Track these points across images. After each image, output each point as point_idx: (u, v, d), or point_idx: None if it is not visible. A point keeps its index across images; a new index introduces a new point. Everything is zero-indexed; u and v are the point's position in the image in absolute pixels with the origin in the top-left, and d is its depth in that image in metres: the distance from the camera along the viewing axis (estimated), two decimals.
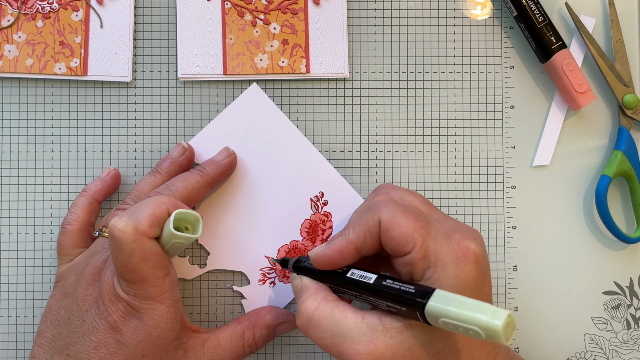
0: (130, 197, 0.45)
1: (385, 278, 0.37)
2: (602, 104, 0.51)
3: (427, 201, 0.41)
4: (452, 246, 0.37)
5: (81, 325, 0.40)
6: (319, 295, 0.39)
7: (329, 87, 0.49)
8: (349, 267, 0.39)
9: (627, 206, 0.51)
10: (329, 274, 0.40)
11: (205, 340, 0.43)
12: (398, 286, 0.36)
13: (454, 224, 0.39)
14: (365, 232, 0.38)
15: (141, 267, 0.38)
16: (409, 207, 0.38)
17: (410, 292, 0.35)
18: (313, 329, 0.38)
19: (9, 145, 0.48)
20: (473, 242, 0.37)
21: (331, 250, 0.39)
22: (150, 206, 0.39)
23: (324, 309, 0.38)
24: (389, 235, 0.37)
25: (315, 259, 0.40)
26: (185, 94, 0.49)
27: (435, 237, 0.37)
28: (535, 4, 0.48)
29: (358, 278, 0.38)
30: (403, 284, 0.36)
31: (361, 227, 0.39)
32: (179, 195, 0.43)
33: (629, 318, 0.50)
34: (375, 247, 0.39)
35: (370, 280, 0.37)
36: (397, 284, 0.36)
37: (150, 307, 0.39)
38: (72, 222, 0.45)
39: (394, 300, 0.36)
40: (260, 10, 0.49)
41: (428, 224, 0.37)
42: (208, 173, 0.45)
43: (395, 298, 0.36)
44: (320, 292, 0.39)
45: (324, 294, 0.39)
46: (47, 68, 0.47)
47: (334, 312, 0.37)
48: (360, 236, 0.39)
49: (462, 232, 0.38)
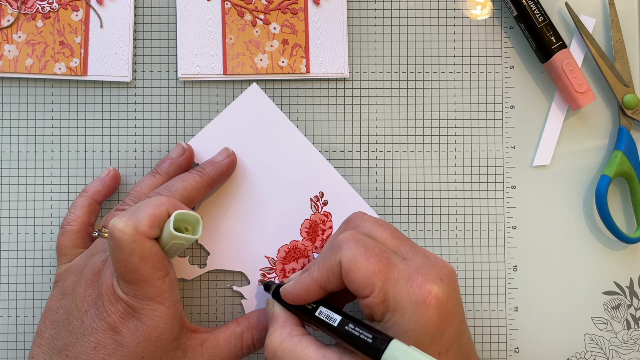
0: (129, 197, 0.45)
1: (350, 321, 0.38)
2: (602, 104, 0.51)
3: (398, 234, 0.40)
4: (412, 290, 0.36)
5: (80, 325, 0.40)
6: (285, 329, 0.39)
7: (329, 87, 0.49)
8: (318, 303, 0.40)
9: (627, 206, 0.51)
10: (299, 308, 0.41)
11: (204, 340, 0.43)
12: (358, 333, 0.37)
13: (421, 262, 0.38)
14: (328, 272, 0.38)
15: (141, 267, 0.38)
16: (371, 248, 0.38)
17: (367, 343, 0.36)
18: None
19: (9, 145, 0.48)
20: (437, 283, 0.37)
21: (298, 288, 0.40)
22: (150, 207, 0.39)
23: (288, 345, 0.38)
24: (349, 278, 0.37)
25: (285, 295, 0.41)
26: (185, 94, 0.49)
27: (395, 280, 0.37)
28: (535, 4, 0.48)
29: (324, 318, 0.39)
30: (363, 331, 0.37)
31: (324, 266, 0.39)
32: (179, 195, 0.43)
33: (629, 318, 0.50)
34: (339, 286, 0.39)
35: (334, 322, 0.38)
36: (358, 331, 0.37)
37: (150, 307, 0.39)
38: (72, 223, 0.45)
39: (353, 346, 0.37)
40: (260, 10, 0.49)
41: (389, 267, 0.37)
42: (208, 173, 0.45)
43: (354, 345, 0.37)
44: (287, 325, 0.40)
45: (290, 328, 0.40)
46: (47, 68, 0.47)
47: (296, 348, 0.38)
48: (324, 276, 0.39)
49: (427, 272, 0.37)
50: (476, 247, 0.49)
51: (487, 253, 0.49)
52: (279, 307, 0.42)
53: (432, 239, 0.49)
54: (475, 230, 0.50)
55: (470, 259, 0.49)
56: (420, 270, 0.37)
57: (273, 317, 0.41)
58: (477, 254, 0.49)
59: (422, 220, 0.49)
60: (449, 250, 0.49)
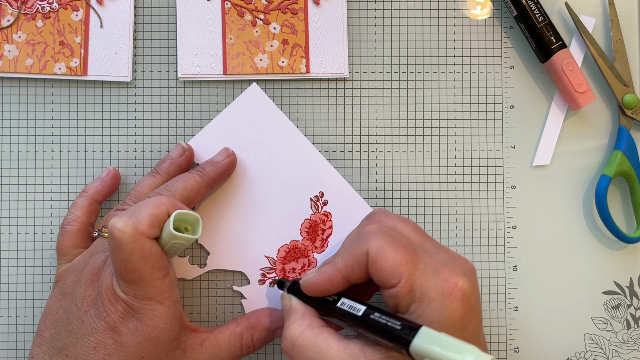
0: (129, 197, 0.45)
1: (374, 311, 0.37)
2: (602, 104, 0.51)
3: (420, 230, 0.40)
4: (439, 282, 0.36)
5: (80, 325, 0.40)
6: (305, 320, 0.39)
7: (329, 87, 0.49)
8: (339, 295, 0.40)
9: (627, 206, 0.51)
10: (319, 300, 0.40)
11: (204, 340, 0.43)
12: (385, 321, 0.36)
13: (445, 257, 0.38)
14: (353, 262, 0.38)
15: (140, 267, 0.38)
16: (398, 239, 0.38)
17: (396, 329, 0.35)
18: (297, 354, 0.38)
19: (9, 145, 0.48)
20: (462, 277, 0.37)
21: (320, 278, 0.40)
22: (150, 206, 0.39)
23: (308, 336, 0.38)
24: (376, 268, 0.37)
25: (305, 286, 0.41)
26: (185, 94, 0.49)
27: (422, 271, 0.37)
28: (535, 4, 0.48)
29: (347, 309, 0.38)
30: (390, 319, 0.36)
31: (349, 256, 0.39)
32: (179, 195, 0.43)
33: (629, 318, 0.50)
34: (364, 277, 0.39)
35: (358, 312, 0.38)
36: (385, 319, 0.36)
37: (150, 307, 0.39)
38: (72, 223, 0.45)
39: (380, 335, 0.36)
40: (260, 10, 0.49)
41: (416, 258, 0.37)
42: (207, 174, 0.45)
43: (382, 333, 0.36)
44: (306, 317, 0.39)
45: (310, 319, 0.39)
46: (47, 68, 0.47)
47: (317, 339, 0.38)
48: (348, 266, 0.39)
49: (452, 266, 0.37)
50: (476, 247, 0.49)
51: (487, 253, 0.49)
52: (297, 300, 0.41)
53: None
54: (475, 230, 0.50)
55: (470, 258, 0.49)
56: (446, 264, 0.38)
57: (291, 310, 0.41)
58: (477, 254, 0.49)
59: (422, 220, 0.49)
60: None
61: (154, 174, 0.46)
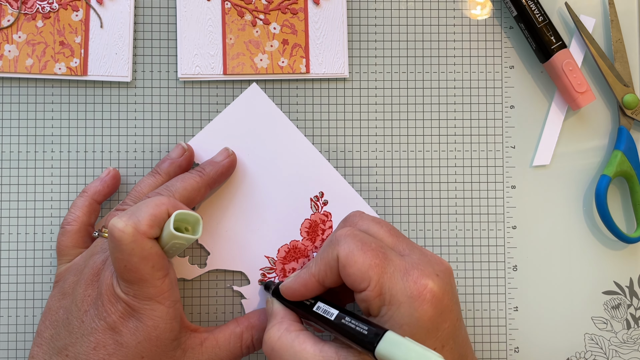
0: (129, 197, 0.45)
1: (346, 315, 0.38)
2: (602, 104, 0.51)
3: (395, 231, 0.41)
4: (408, 284, 0.37)
5: (80, 325, 0.40)
6: (283, 324, 0.40)
7: (329, 87, 0.49)
8: (316, 299, 0.41)
9: (627, 206, 0.51)
10: (298, 304, 0.41)
11: (204, 340, 0.43)
12: (354, 326, 0.37)
13: (418, 258, 0.39)
14: (326, 267, 0.39)
15: (140, 267, 0.38)
16: (367, 243, 0.38)
17: (363, 333, 0.36)
18: (275, 358, 0.39)
19: (9, 145, 0.48)
20: (433, 278, 0.37)
21: (296, 283, 0.41)
22: (150, 206, 0.39)
23: (286, 339, 0.39)
24: (346, 272, 0.38)
25: (284, 291, 0.41)
26: (185, 94, 0.49)
27: (391, 274, 0.37)
28: (535, 4, 0.48)
29: (322, 313, 0.40)
30: (359, 324, 0.37)
31: (322, 261, 0.39)
32: (179, 196, 0.43)
33: (629, 318, 0.50)
34: (337, 281, 0.39)
35: (331, 316, 0.39)
36: (354, 323, 0.37)
37: (150, 307, 0.39)
38: (72, 223, 0.45)
39: (349, 339, 0.37)
40: (260, 10, 0.49)
41: (385, 261, 0.38)
42: (207, 174, 0.45)
43: (350, 337, 0.37)
44: (285, 321, 0.40)
45: (288, 323, 0.40)
46: (47, 68, 0.47)
47: (294, 342, 0.38)
48: (321, 271, 0.39)
49: (423, 267, 0.38)
50: (476, 247, 0.49)
51: (487, 253, 0.49)
52: (278, 304, 0.42)
53: (432, 239, 0.49)
54: (475, 230, 0.50)
55: (470, 258, 0.49)
56: (417, 265, 0.38)
57: (272, 314, 0.42)
58: (477, 254, 0.49)
59: (422, 220, 0.49)
60: (448, 250, 0.49)
61: (154, 174, 0.46)
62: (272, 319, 0.41)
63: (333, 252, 0.39)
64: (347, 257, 0.38)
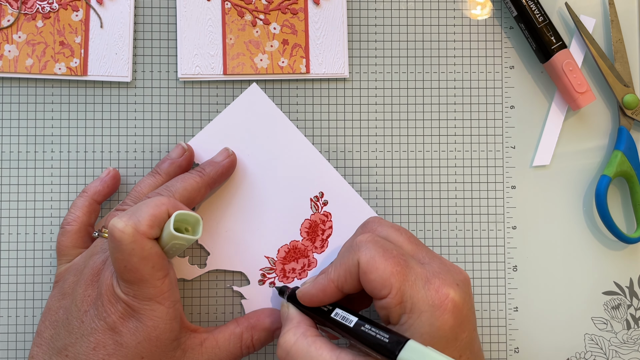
0: (129, 198, 0.45)
1: (365, 322, 0.38)
2: (602, 104, 0.51)
3: (414, 239, 0.41)
4: (429, 293, 0.37)
5: (80, 326, 0.40)
6: (299, 329, 0.39)
7: (329, 87, 0.49)
8: (334, 305, 0.40)
9: (627, 206, 0.51)
10: (315, 310, 0.41)
11: (204, 340, 0.43)
12: (374, 334, 0.37)
13: (438, 267, 0.39)
14: (345, 273, 0.39)
15: (140, 267, 0.38)
16: (389, 249, 0.38)
17: (384, 342, 0.36)
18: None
19: (9, 145, 0.48)
20: (454, 288, 0.37)
21: (314, 289, 0.40)
22: (150, 207, 0.39)
23: (302, 345, 0.38)
24: (367, 279, 0.37)
25: (301, 296, 0.41)
26: (185, 94, 0.49)
27: (413, 282, 0.37)
28: (535, 4, 0.48)
29: (340, 320, 0.39)
30: (379, 332, 0.37)
31: (342, 267, 0.39)
32: (179, 196, 0.43)
33: (629, 318, 0.50)
34: (356, 287, 0.39)
35: (350, 323, 0.38)
36: (374, 331, 0.37)
37: (150, 308, 0.39)
38: (72, 223, 0.45)
39: (368, 347, 0.37)
40: (260, 10, 0.49)
41: (407, 269, 0.37)
42: (208, 174, 0.45)
43: (370, 345, 0.37)
44: (301, 326, 0.40)
45: (304, 328, 0.39)
46: (47, 68, 0.47)
47: (310, 348, 0.38)
48: (341, 276, 0.39)
49: (444, 276, 0.38)
50: (476, 247, 0.49)
51: (487, 253, 0.49)
52: (294, 309, 0.42)
53: (432, 239, 0.49)
54: (475, 230, 0.50)
55: (470, 259, 0.49)
56: (437, 274, 0.38)
57: (287, 318, 0.41)
58: (477, 254, 0.49)
59: (422, 220, 0.49)
60: (449, 250, 0.49)
61: (154, 174, 0.46)
62: (288, 323, 0.41)
63: (353, 258, 0.38)
64: (368, 264, 0.37)
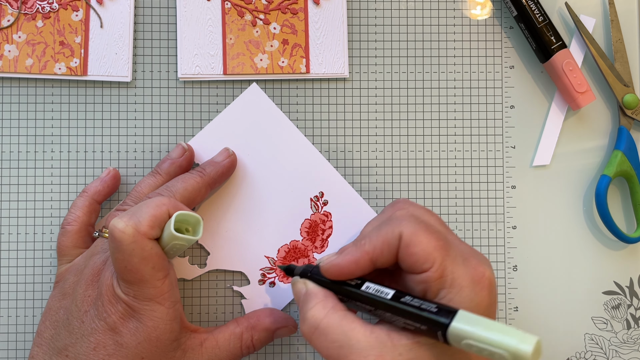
0: (130, 198, 0.45)
1: (403, 294, 0.36)
2: (602, 104, 0.51)
3: (444, 222, 0.40)
4: (469, 270, 0.36)
5: (80, 326, 0.40)
6: (328, 303, 0.38)
7: (329, 87, 0.49)
8: (362, 280, 0.38)
9: (627, 206, 0.51)
10: (339, 285, 0.39)
11: (204, 340, 0.43)
12: (418, 304, 0.35)
13: (469, 249, 0.38)
14: (383, 245, 0.37)
15: (141, 268, 0.38)
16: (430, 225, 0.38)
17: (432, 312, 0.34)
18: (319, 337, 0.37)
19: (9, 145, 0.48)
20: (489, 268, 0.37)
21: (345, 260, 0.38)
22: (151, 207, 0.39)
23: (333, 318, 0.37)
24: (409, 252, 0.37)
25: (328, 268, 0.39)
26: (185, 94, 0.49)
27: (453, 258, 0.37)
28: (535, 4, 0.48)
29: (374, 292, 0.37)
30: (423, 302, 0.35)
31: (379, 239, 0.38)
32: (179, 196, 0.43)
33: (629, 318, 0.50)
34: (390, 261, 0.38)
35: (387, 295, 0.37)
36: (417, 302, 0.35)
37: (150, 308, 0.39)
38: (72, 223, 0.45)
39: (414, 318, 0.35)
40: (260, 10, 0.49)
41: (447, 245, 0.37)
42: (208, 174, 0.45)
43: (414, 317, 0.35)
44: (329, 299, 0.38)
45: (333, 302, 0.38)
46: (47, 68, 0.47)
47: (342, 322, 0.36)
48: (377, 248, 0.38)
49: (478, 257, 0.38)
50: (476, 247, 0.49)
51: (487, 253, 0.49)
52: (313, 284, 0.39)
53: None
54: (475, 230, 0.50)
55: None
56: (472, 254, 0.38)
57: (309, 294, 0.39)
58: None
59: None
60: None
61: (154, 174, 0.46)
62: (312, 298, 0.38)
63: (394, 230, 0.37)
64: (411, 236, 0.37)
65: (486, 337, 0.32)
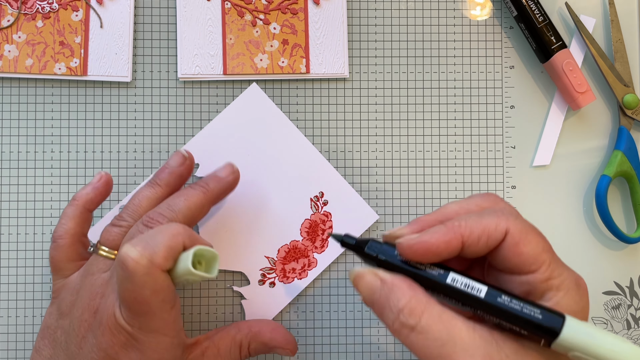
0: (126, 212, 0.42)
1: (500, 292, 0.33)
2: (602, 104, 0.51)
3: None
4: (572, 273, 0.34)
5: (79, 352, 0.38)
6: (419, 296, 0.33)
7: (329, 87, 0.49)
8: (443, 268, 0.34)
9: (627, 206, 0.51)
10: (415, 275, 0.34)
11: (205, 349, 0.42)
12: (519, 307, 0.32)
13: None
14: (482, 234, 0.34)
15: (151, 300, 0.36)
16: (534, 226, 0.35)
17: (538, 317, 0.32)
18: (418, 336, 0.32)
19: (9, 145, 0.48)
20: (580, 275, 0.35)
21: (435, 238, 0.33)
22: (167, 237, 0.36)
23: (432, 315, 0.32)
24: (517, 250, 0.33)
25: (413, 245, 0.33)
26: (185, 94, 0.49)
27: (557, 261, 0.34)
28: (535, 4, 0.48)
29: (462, 287, 0.33)
30: (525, 305, 0.32)
31: (480, 226, 0.34)
32: (182, 216, 0.40)
33: (629, 318, 0.50)
34: (479, 253, 0.34)
35: (480, 292, 0.33)
36: (517, 304, 0.32)
37: (154, 340, 0.37)
38: (64, 236, 0.42)
39: (516, 322, 0.32)
40: (260, 10, 0.49)
41: (552, 247, 0.35)
42: (211, 190, 0.42)
43: (518, 320, 0.32)
44: (417, 291, 0.33)
45: (423, 294, 0.33)
46: (47, 68, 0.47)
47: (442, 318, 0.32)
48: (474, 235, 0.34)
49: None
50: None
51: None
52: (389, 274, 0.34)
53: None
54: None
55: None
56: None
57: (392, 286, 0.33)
58: None
59: None
60: None
61: (153, 185, 0.43)
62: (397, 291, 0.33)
63: (500, 224, 0.34)
64: (521, 234, 0.33)
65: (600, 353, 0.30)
